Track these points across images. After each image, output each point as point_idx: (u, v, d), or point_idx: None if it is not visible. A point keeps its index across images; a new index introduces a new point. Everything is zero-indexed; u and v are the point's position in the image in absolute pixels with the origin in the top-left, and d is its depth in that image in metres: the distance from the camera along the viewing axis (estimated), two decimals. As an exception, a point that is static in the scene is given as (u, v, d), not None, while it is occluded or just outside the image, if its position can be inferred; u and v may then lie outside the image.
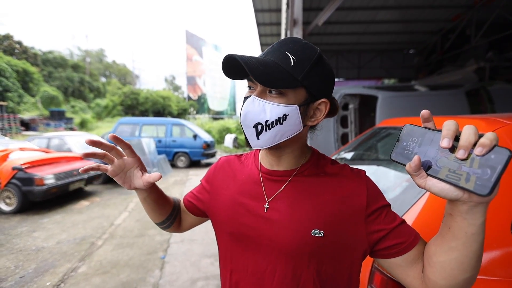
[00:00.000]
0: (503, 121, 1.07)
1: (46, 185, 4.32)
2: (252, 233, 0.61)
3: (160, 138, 8.88)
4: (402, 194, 1.18)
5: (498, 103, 3.83)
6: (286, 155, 0.62)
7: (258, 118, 0.54)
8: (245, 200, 0.64)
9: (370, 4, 6.45)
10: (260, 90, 0.55)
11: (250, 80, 0.57)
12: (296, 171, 0.63)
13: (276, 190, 0.62)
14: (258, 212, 0.61)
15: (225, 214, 0.66)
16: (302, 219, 0.58)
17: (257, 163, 0.68)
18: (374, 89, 4.06)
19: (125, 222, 4.03)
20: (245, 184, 0.66)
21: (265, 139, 0.55)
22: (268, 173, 0.64)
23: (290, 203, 0.60)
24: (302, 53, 0.54)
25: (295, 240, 0.57)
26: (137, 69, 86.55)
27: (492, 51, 6.98)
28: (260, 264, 0.61)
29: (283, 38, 0.58)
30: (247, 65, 0.50)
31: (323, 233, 0.56)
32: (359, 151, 2.08)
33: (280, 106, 0.53)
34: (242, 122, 0.56)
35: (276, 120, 0.53)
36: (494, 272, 0.84)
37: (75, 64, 38.40)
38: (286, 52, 0.54)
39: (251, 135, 0.56)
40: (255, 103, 0.54)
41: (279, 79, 0.51)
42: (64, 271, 2.67)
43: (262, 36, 8.63)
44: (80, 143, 6.64)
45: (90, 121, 23.97)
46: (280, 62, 0.53)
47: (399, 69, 10.28)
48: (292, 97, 0.54)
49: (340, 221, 0.57)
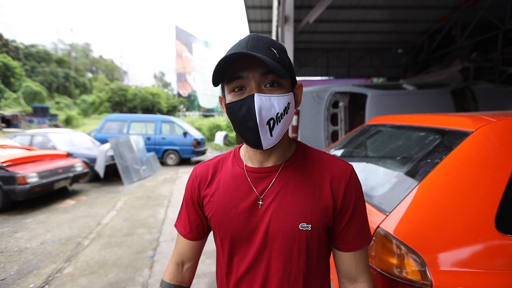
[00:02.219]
0: (488, 118, 1.10)
1: (29, 183, 4.16)
2: (247, 231, 0.62)
3: (149, 136, 8.72)
4: (391, 190, 1.20)
5: (482, 102, 3.97)
6: (276, 149, 0.62)
7: (270, 114, 0.54)
8: (235, 201, 0.63)
9: (360, 3, 6.52)
10: (256, 87, 0.54)
11: (238, 78, 0.54)
12: (282, 165, 0.63)
13: (266, 185, 0.62)
14: (252, 210, 0.62)
15: (216, 220, 0.65)
16: (290, 213, 0.59)
17: (240, 163, 0.67)
18: (364, 87, 4.12)
19: (113, 221, 3.95)
20: (231, 186, 0.65)
21: (276, 133, 0.56)
22: (255, 171, 0.64)
23: (278, 198, 0.61)
24: (278, 46, 0.57)
25: (285, 234, 0.59)
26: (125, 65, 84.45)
27: (476, 51, 7.21)
28: (254, 263, 0.62)
29: (250, 35, 0.58)
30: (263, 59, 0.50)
31: (310, 226, 0.59)
32: (349, 148, 2.10)
33: (283, 96, 0.55)
34: (259, 123, 0.53)
35: (284, 110, 0.55)
36: (479, 264, 0.87)
37: (60, 59, 37.07)
38: (267, 46, 0.55)
39: (265, 134, 0.54)
40: (263, 99, 0.53)
41: (280, 69, 0.52)
42: (48, 272, 2.59)
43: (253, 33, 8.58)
44: (65, 141, 6.44)
45: (75, 118, 23.24)
46: (271, 56, 0.53)
47: (387, 68, 10.48)
48: (287, 85, 0.57)
49: (325, 213, 0.60)
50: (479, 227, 0.90)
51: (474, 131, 1.07)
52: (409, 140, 1.50)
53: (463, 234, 0.90)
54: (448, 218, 0.93)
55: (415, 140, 1.44)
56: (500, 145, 1.01)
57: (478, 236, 0.89)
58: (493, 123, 1.06)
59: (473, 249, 0.89)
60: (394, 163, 1.43)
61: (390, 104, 3.82)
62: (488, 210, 0.91)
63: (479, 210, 0.92)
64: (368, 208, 1.16)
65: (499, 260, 0.88)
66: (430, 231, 0.93)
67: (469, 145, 1.04)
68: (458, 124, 1.20)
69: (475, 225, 0.90)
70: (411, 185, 1.07)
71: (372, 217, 1.09)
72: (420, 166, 1.16)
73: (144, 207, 4.54)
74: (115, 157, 6.18)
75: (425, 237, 0.92)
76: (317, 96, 4.03)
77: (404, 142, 1.53)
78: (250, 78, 0.54)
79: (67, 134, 6.92)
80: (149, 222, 3.87)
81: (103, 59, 56.44)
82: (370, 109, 3.82)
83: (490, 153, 1.00)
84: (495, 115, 1.15)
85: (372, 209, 1.14)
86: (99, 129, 8.81)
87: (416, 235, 0.93)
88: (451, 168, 1.03)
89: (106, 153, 6.08)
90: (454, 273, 0.86)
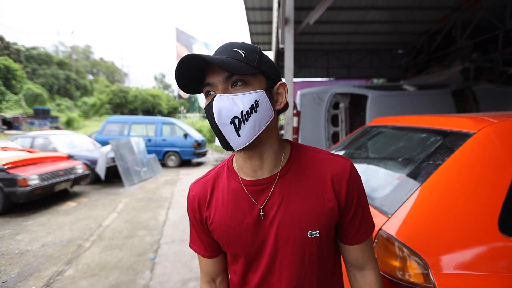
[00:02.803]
0: (490, 119, 1.10)
1: (30, 186, 4.17)
2: (256, 247, 0.61)
3: (150, 137, 8.72)
4: (392, 192, 1.19)
5: (483, 103, 3.96)
6: (267, 153, 0.60)
7: (233, 112, 0.52)
8: (239, 217, 0.62)
9: (360, 4, 6.53)
10: (222, 88, 0.54)
11: (207, 85, 0.56)
12: (279, 174, 0.61)
13: (265, 197, 0.61)
14: (257, 224, 0.61)
15: (223, 240, 0.64)
16: (297, 221, 0.59)
17: (236, 177, 0.64)
18: (364, 88, 4.12)
19: (114, 223, 3.94)
20: (232, 203, 0.63)
21: (245, 133, 0.53)
22: (253, 184, 0.62)
23: (282, 208, 0.60)
24: (247, 47, 0.57)
25: (295, 243, 0.59)
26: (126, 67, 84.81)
27: (477, 52, 7.20)
28: (266, 275, 0.62)
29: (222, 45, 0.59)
30: (211, 58, 0.50)
31: (319, 233, 0.59)
32: (350, 149, 2.09)
33: (249, 94, 0.54)
34: (217, 122, 0.53)
35: (250, 108, 0.53)
36: (482, 267, 0.86)
37: (61, 61, 37.19)
38: (234, 49, 0.56)
39: (230, 134, 0.53)
40: (223, 99, 0.53)
41: (241, 67, 0.53)
42: (49, 275, 2.58)
43: (253, 35, 8.60)
44: (66, 143, 6.45)
45: (76, 120, 23.29)
46: (233, 56, 0.54)
47: (388, 69, 10.48)
48: (256, 83, 0.56)
49: (330, 214, 0.60)
50: (482, 229, 0.89)
51: (476, 132, 1.06)
52: (411, 142, 1.49)
53: (466, 236, 0.89)
54: (451, 220, 0.92)
55: (417, 142, 1.43)
56: (502, 146, 1.00)
57: (481, 238, 0.88)
58: (495, 124, 1.06)
59: (476, 252, 0.88)
60: (395, 164, 1.43)
61: (390, 105, 3.81)
62: (491, 212, 0.90)
63: (481, 212, 0.91)
64: (370, 210, 1.15)
65: (502, 263, 0.87)
66: (433, 233, 0.92)
67: (471, 147, 1.04)
68: (459, 125, 1.19)
69: (478, 227, 0.90)
70: (413, 187, 1.07)
71: (374, 219, 1.08)
72: (422, 167, 1.15)
73: (145, 209, 4.53)
74: (116, 159, 6.18)
75: (427, 239, 0.91)
76: (317, 97, 4.03)
77: (406, 143, 1.52)
78: (216, 82, 0.55)
79: (68, 136, 6.92)
80: (150, 224, 3.87)
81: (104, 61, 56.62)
82: (371, 110, 3.82)
83: (492, 154, 1.00)
84: (497, 116, 1.15)
85: (374, 211, 1.13)
86: (100, 131, 8.82)
87: (418, 238, 0.92)
88: (453, 170, 1.02)
89: (107, 155, 6.08)
90: (457, 275, 0.85)
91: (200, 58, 0.51)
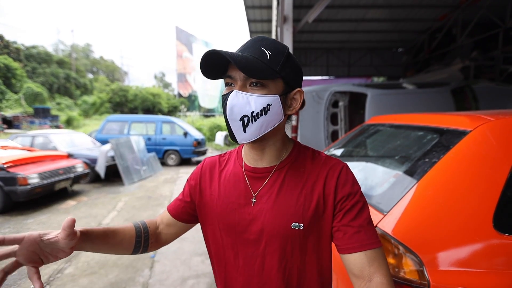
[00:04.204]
0: (486, 117, 1.10)
1: (30, 184, 4.17)
2: (241, 228, 0.65)
3: (149, 136, 8.73)
4: (390, 189, 1.20)
5: (482, 101, 3.96)
6: (269, 148, 0.64)
7: (244, 111, 0.56)
8: (233, 197, 0.66)
9: (360, 2, 6.51)
10: (241, 84, 0.57)
11: (228, 77, 0.59)
12: (276, 167, 0.65)
13: (259, 185, 0.65)
14: (246, 207, 0.65)
15: (215, 211, 0.68)
16: (283, 213, 0.61)
17: (240, 161, 0.70)
18: (364, 86, 4.11)
19: (114, 221, 3.95)
20: (231, 182, 0.68)
21: (251, 131, 0.57)
22: (252, 171, 0.67)
23: (272, 198, 0.63)
24: (275, 48, 0.58)
25: (278, 233, 0.61)
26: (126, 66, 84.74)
27: (477, 50, 7.18)
28: (250, 258, 0.64)
29: (256, 37, 0.61)
30: (232, 58, 0.52)
31: (302, 226, 0.60)
32: (349, 147, 2.10)
33: (263, 97, 0.56)
34: (228, 117, 0.57)
35: (261, 110, 0.56)
36: (477, 264, 0.87)
37: (61, 60, 37.15)
38: (261, 48, 0.57)
39: (237, 129, 0.57)
40: (239, 96, 0.56)
41: (261, 70, 0.54)
42: (49, 273, 2.60)
43: (253, 33, 8.58)
44: (66, 141, 6.46)
45: (76, 119, 23.29)
46: (258, 56, 0.56)
47: (388, 67, 10.46)
48: (273, 88, 0.58)
49: (318, 212, 0.61)
50: (477, 226, 0.90)
51: (472, 130, 1.07)
52: (408, 140, 1.50)
53: (461, 234, 0.90)
54: (446, 217, 0.93)
55: (414, 140, 1.43)
56: (498, 144, 1.01)
57: (476, 235, 0.89)
58: (491, 122, 1.06)
59: (471, 249, 0.88)
60: (392, 162, 1.43)
61: (390, 104, 3.81)
62: (486, 210, 0.91)
63: (477, 210, 0.92)
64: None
65: (496, 260, 0.87)
66: (428, 231, 0.92)
67: (467, 144, 1.04)
68: (456, 123, 1.19)
69: (473, 225, 0.90)
70: (409, 184, 1.07)
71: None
72: (418, 165, 1.16)
73: (145, 208, 4.55)
74: (116, 157, 6.19)
75: (422, 237, 0.92)
76: (317, 95, 4.03)
77: (403, 141, 1.53)
78: (237, 77, 0.57)
79: (68, 135, 6.93)
80: (149, 223, 3.88)
81: (104, 59, 56.56)
82: (370, 109, 3.81)
83: (488, 152, 1.00)
84: (494, 114, 1.15)
85: (371, 209, 1.14)
86: (100, 130, 8.82)
87: (413, 235, 0.93)
88: (449, 168, 1.03)
89: (106, 153, 6.09)
90: (451, 272, 0.86)
91: (223, 56, 0.53)
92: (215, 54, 0.54)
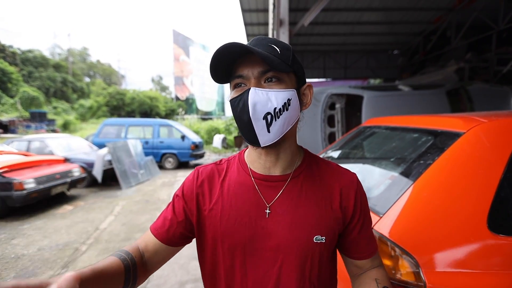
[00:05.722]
0: (479, 119, 1.11)
1: (26, 189, 4.13)
2: (253, 245, 0.58)
3: (147, 140, 8.70)
4: (386, 191, 1.21)
5: (477, 102, 4.00)
6: (284, 153, 0.60)
7: (267, 108, 0.52)
8: (242, 210, 0.59)
9: (355, 5, 6.58)
10: (255, 81, 0.54)
11: (238, 77, 0.55)
12: (291, 174, 0.61)
13: (274, 195, 0.59)
14: (259, 221, 0.58)
15: (219, 229, 0.59)
16: (304, 225, 0.57)
17: (246, 169, 0.63)
18: (360, 89, 4.14)
19: (111, 226, 3.92)
20: (237, 193, 0.61)
21: (275, 130, 0.53)
22: (264, 179, 0.61)
23: (290, 209, 0.58)
24: (282, 45, 0.57)
25: (299, 246, 0.56)
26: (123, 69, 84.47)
27: (471, 52, 7.27)
28: (262, 279, 0.58)
29: (255, 38, 0.59)
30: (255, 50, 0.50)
31: (324, 239, 0.58)
32: (345, 149, 2.11)
33: (283, 91, 0.54)
34: (252, 116, 0.51)
35: (283, 106, 0.53)
36: (472, 265, 0.88)
37: (57, 64, 36.96)
38: (269, 44, 0.55)
39: (261, 129, 0.53)
40: (259, 93, 0.52)
41: (279, 64, 0.52)
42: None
43: (250, 36, 8.63)
44: (63, 146, 6.41)
45: (73, 123, 23.19)
46: (270, 52, 0.53)
47: (384, 69, 10.55)
48: (288, 81, 0.56)
49: (337, 224, 0.60)
50: (471, 227, 0.90)
51: (466, 132, 1.08)
52: (403, 142, 1.51)
53: (456, 235, 0.91)
54: (441, 219, 0.93)
55: (409, 142, 1.45)
56: (491, 145, 1.02)
57: (470, 236, 0.90)
58: (484, 124, 1.07)
59: (466, 250, 0.89)
60: (388, 164, 1.44)
61: (386, 105, 3.84)
62: (480, 211, 0.92)
63: (471, 211, 0.93)
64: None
65: (491, 260, 0.88)
66: (424, 232, 0.93)
67: (460, 146, 1.05)
68: (450, 125, 1.21)
69: (467, 226, 0.91)
70: (404, 186, 1.08)
71: (366, 219, 1.10)
72: (413, 167, 1.17)
73: (142, 212, 4.52)
74: (113, 161, 6.16)
75: (418, 238, 0.93)
76: (314, 98, 4.04)
77: (398, 143, 1.54)
78: (250, 75, 0.54)
79: (65, 139, 6.88)
80: (147, 227, 3.84)
81: (101, 63, 56.37)
82: (367, 111, 3.84)
83: (481, 154, 1.01)
84: (487, 116, 1.16)
85: (367, 211, 1.14)
86: (97, 134, 8.78)
87: (409, 237, 0.94)
88: (443, 169, 1.04)
89: (104, 157, 6.06)
90: (447, 274, 0.86)
91: (242, 47, 0.50)
92: (232, 47, 0.50)
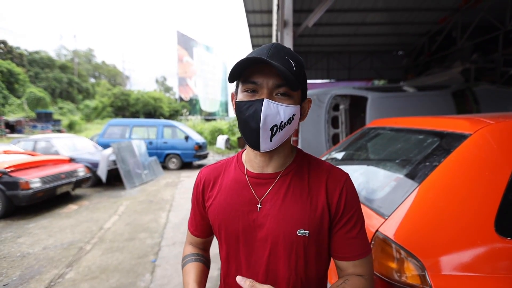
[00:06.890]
0: (486, 121, 1.10)
1: (32, 189, 4.19)
2: (246, 235, 0.64)
3: (151, 140, 8.75)
4: (391, 193, 1.19)
5: (483, 104, 3.95)
6: (277, 155, 0.65)
7: (275, 121, 0.56)
8: (237, 204, 0.66)
9: (360, 6, 6.55)
10: (268, 93, 0.57)
11: (252, 83, 0.57)
12: (281, 172, 0.66)
13: (265, 191, 0.65)
14: (251, 214, 0.64)
15: (219, 219, 0.67)
16: (289, 219, 0.61)
17: (242, 168, 0.70)
18: (364, 90, 4.12)
19: (115, 225, 3.95)
20: (233, 189, 0.68)
21: (276, 140, 0.58)
22: (256, 177, 0.67)
23: (277, 204, 0.63)
24: (296, 59, 0.60)
25: (285, 238, 0.61)
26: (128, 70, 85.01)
27: (477, 53, 7.19)
28: (254, 267, 0.64)
29: (273, 43, 0.61)
30: (280, 70, 0.53)
31: (308, 233, 0.61)
32: (349, 151, 2.10)
33: (291, 107, 0.58)
34: (261, 126, 0.55)
35: (288, 120, 0.58)
36: (478, 268, 0.86)
37: (63, 65, 37.45)
38: (286, 57, 0.57)
39: (265, 138, 0.57)
40: (271, 106, 0.56)
41: (293, 82, 0.55)
42: (50, 278, 2.59)
43: (254, 37, 8.64)
44: (68, 146, 6.48)
45: (78, 123, 23.45)
46: (287, 67, 0.56)
47: (388, 70, 10.48)
48: (296, 97, 0.60)
49: (321, 220, 0.62)
50: (478, 230, 0.89)
51: (473, 133, 1.07)
52: (408, 143, 1.50)
53: (463, 238, 0.89)
54: (447, 221, 0.92)
55: (414, 143, 1.43)
56: (499, 147, 1.00)
57: (477, 239, 0.88)
58: (491, 126, 1.06)
59: (473, 253, 0.88)
60: (393, 166, 1.43)
61: (390, 107, 3.81)
62: (487, 213, 0.90)
63: (478, 214, 0.91)
64: (367, 211, 1.15)
65: (498, 264, 0.87)
66: (429, 235, 0.92)
67: (467, 148, 1.04)
68: (456, 127, 1.19)
69: (474, 229, 0.90)
70: (410, 188, 1.07)
71: (371, 221, 1.09)
72: (419, 169, 1.16)
73: (146, 212, 4.54)
74: (117, 161, 6.20)
75: (424, 241, 0.92)
76: (317, 99, 4.03)
77: (403, 145, 1.53)
78: (264, 85, 0.57)
79: (70, 139, 6.95)
80: (151, 227, 3.87)
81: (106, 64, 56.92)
82: (371, 112, 3.82)
83: (488, 156, 1.00)
84: (494, 117, 1.15)
85: (371, 213, 1.13)
86: (102, 134, 8.86)
87: (415, 239, 0.93)
88: (450, 171, 1.02)
89: (108, 158, 6.11)
90: (453, 277, 0.85)
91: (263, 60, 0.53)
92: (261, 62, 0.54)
